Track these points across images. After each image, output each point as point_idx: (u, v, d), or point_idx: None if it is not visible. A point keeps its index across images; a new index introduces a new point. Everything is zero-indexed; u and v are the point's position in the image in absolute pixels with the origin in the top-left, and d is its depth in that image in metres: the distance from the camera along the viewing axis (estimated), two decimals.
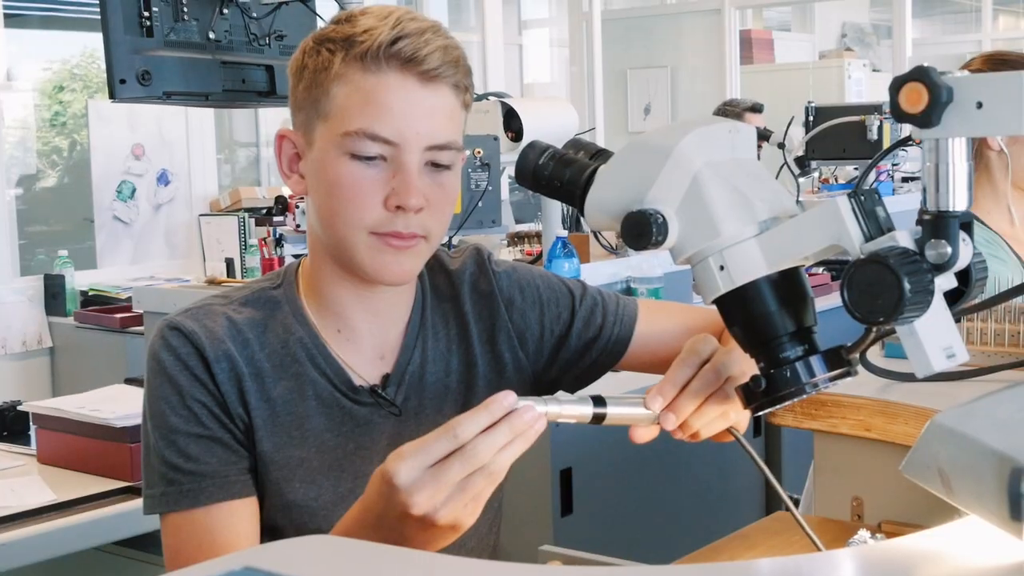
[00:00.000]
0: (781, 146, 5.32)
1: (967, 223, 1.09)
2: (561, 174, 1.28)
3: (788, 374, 1.16)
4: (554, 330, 1.57)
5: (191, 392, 1.38)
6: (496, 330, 1.54)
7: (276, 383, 1.41)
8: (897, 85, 1.05)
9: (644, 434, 1.27)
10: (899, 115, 1.06)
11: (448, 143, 1.38)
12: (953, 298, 1.13)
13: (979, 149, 2.54)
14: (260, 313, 1.45)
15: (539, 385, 1.58)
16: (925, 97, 1.04)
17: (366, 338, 1.47)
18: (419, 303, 1.51)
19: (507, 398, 1.16)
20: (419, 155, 1.36)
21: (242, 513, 1.38)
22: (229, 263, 4.07)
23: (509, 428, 1.15)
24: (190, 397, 1.38)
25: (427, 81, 1.36)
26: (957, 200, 1.07)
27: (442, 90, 1.37)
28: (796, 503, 2.87)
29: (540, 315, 1.57)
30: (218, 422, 1.38)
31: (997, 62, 2.52)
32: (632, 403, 1.27)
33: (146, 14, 2.75)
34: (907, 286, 1.03)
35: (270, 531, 1.42)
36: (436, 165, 1.39)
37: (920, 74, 1.04)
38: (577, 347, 1.57)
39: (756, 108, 6.20)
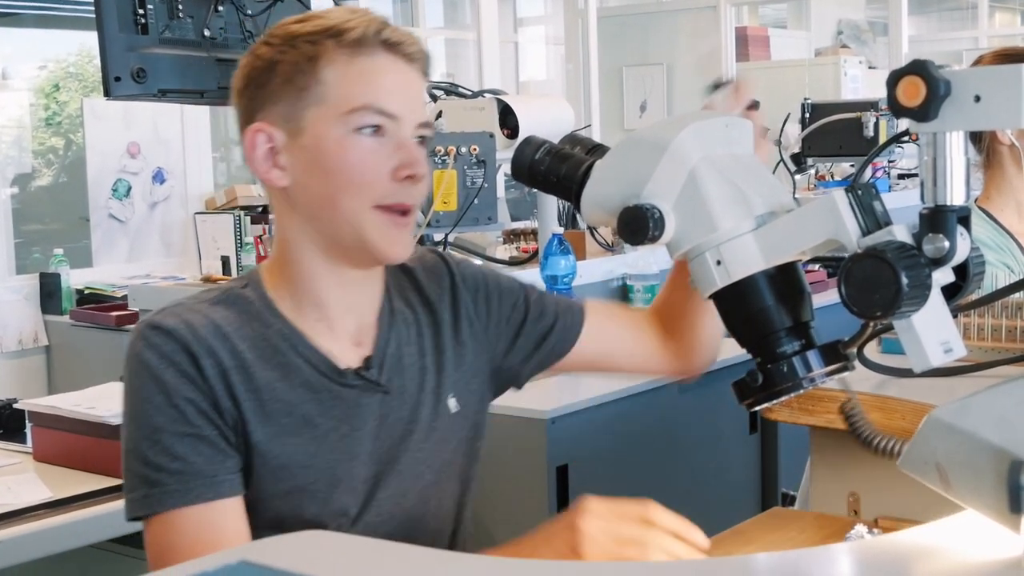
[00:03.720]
0: (777, 143, 5.32)
1: (965, 217, 1.08)
2: (557, 169, 1.28)
3: (785, 369, 1.16)
4: (511, 319, 1.62)
5: (177, 389, 1.37)
6: (459, 317, 1.58)
7: (262, 374, 1.41)
8: (895, 79, 1.05)
9: None
10: (897, 109, 1.06)
11: (429, 121, 1.47)
12: (951, 293, 1.12)
13: (990, 144, 2.54)
14: (234, 310, 1.45)
15: (500, 372, 1.63)
16: (923, 91, 1.04)
17: (344, 326, 1.49)
18: (385, 291, 1.55)
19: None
20: (413, 131, 1.43)
21: (230, 512, 1.37)
22: (225, 261, 4.07)
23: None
24: (176, 395, 1.37)
25: (409, 63, 1.44)
26: (955, 194, 1.07)
27: (418, 73, 1.47)
28: (792, 499, 2.87)
29: (499, 304, 1.62)
30: (205, 418, 1.37)
31: (1003, 58, 2.52)
32: None
33: (141, 12, 2.74)
34: (904, 280, 1.03)
35: (271, 521, 1.41)
36: (421, 141, 1.45)
37: (918, 68, 1.03)
38: (534, 335, 1.63)
39: (752, 105, 6.19)
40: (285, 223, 1.47)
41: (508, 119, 3.41)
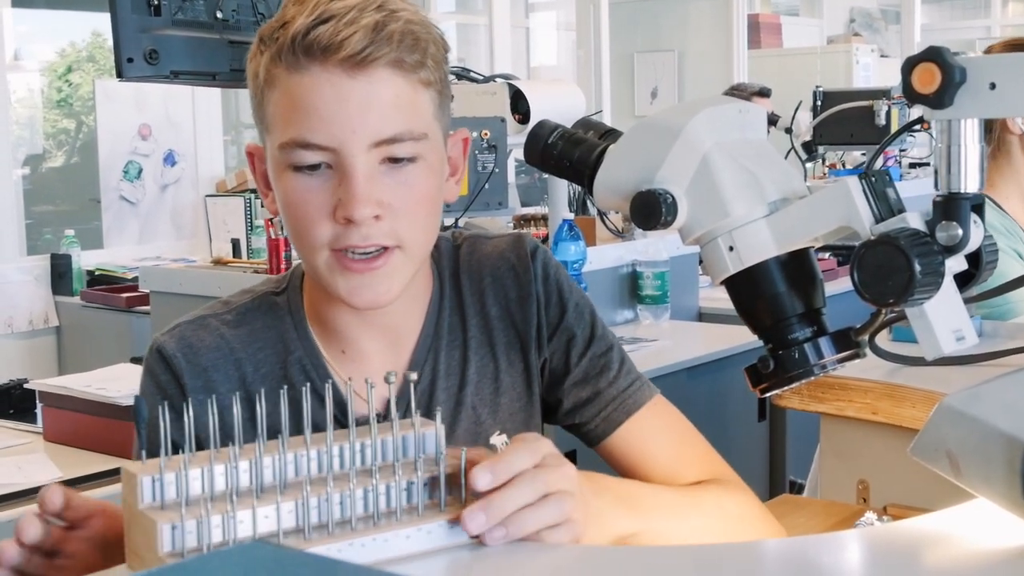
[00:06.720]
0: (788, 131, 5.31)
1: (979, 205, 1.08)
2: (570, 153, 1.28)
3: (796, 355, 1.15)
4: (564, 358, 1.40)
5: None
6: (527, 335, 1.38)
7: (268, 406, 1.13)
8: (910, 65, 1.04)
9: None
10: (911, 96, 1.05)
11: (399, 134, 1.20)
12: (963, 280, 1.12)
13: (1000, 134, 2.54)
14: (259, 324, 1.33)
15: (545, 402, 1.42)
16: (938, 77, 1.03)
17: (375, 358, 1.33)
18: (435, 307, 1.36)
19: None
20: (365, 156, 1.19)
21: None
22: (235, 244, 4.07)
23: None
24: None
25: (354, 69, 1.18)
26: (969, 182, 1.07)
27: (378, 74, 1.19)
28: (800, 488, 2.87)
29: (563, 331, 1.41)
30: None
31: (1014, 48, 2.52)
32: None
33: None
34: (918, 268, 1.02)
35: None
36: (395, 161, 1.21)
37: (933, 54, 1.03)
38: (571, 398, 1.40)
39: (764, 92, 6.19)
40: None
41: (519, 104, 3.41)
